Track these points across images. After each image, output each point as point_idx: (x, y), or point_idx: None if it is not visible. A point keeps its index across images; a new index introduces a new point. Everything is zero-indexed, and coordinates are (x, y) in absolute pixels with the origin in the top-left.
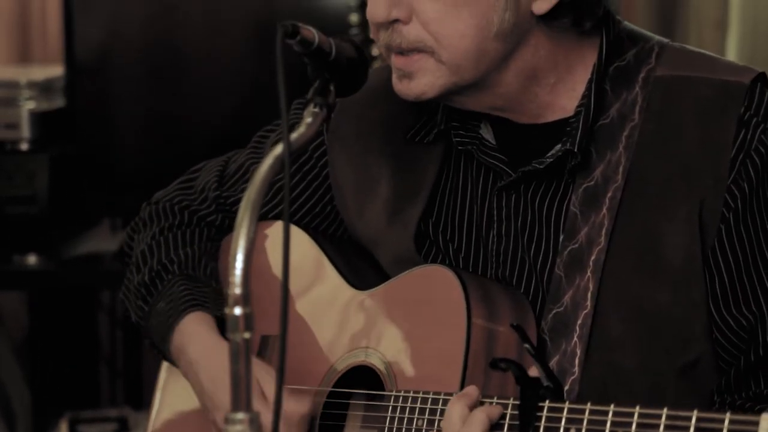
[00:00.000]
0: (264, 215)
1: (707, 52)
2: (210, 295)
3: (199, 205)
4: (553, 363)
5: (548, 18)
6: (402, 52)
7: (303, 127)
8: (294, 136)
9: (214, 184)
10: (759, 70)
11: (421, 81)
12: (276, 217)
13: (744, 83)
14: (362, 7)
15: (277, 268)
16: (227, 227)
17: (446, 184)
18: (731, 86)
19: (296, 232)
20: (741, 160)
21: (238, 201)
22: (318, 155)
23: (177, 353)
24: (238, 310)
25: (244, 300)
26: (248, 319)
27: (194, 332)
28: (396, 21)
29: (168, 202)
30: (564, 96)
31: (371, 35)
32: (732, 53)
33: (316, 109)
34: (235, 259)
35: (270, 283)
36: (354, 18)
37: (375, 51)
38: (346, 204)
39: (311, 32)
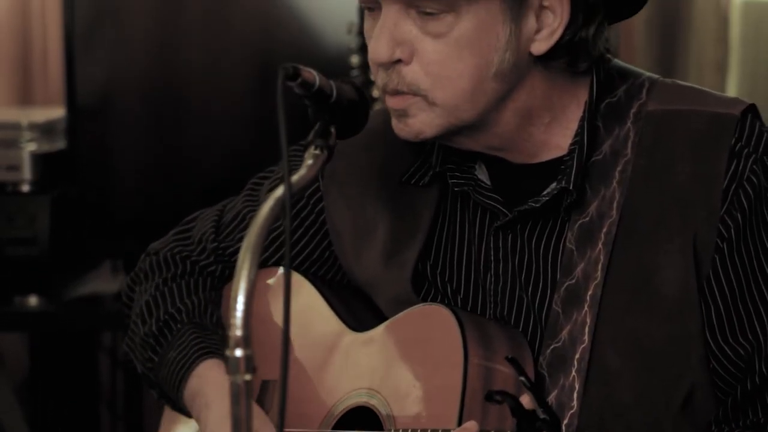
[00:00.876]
0: (263, 263)
1: (697, 86)
2: (220, 343)
3: (198, 256)
4: (551, 398)
5: (545, 59)
6: (397, 92)
7: (304, 169)
8: (294, 178)
9: (212, 234)
10: (748, 101)
11: (417, 119)
12: (276, 264)
13: (734, 115)
14: (363, 49)
15: (278, 315)
16: (227, 277)
17: (443, 226)
18: (722, 118)
19: (295, 278)
20: (734, 191)
21: (236, 251)
22: (314, 201)
23: (191, 398)
24: (238, 352)
25: (245, 342)
26: (249, 361)
27: (211, 376)
28: (398, 61)
29: (168, 252)
30: (558, 134)
31: (372, 74)
32: (732, 95)
33: (317, 151)
34: (235, 301)
35: (271, 329)
36: (355, 60)
37: (375, 93)
38: (344, 248)
39: (312, 74)
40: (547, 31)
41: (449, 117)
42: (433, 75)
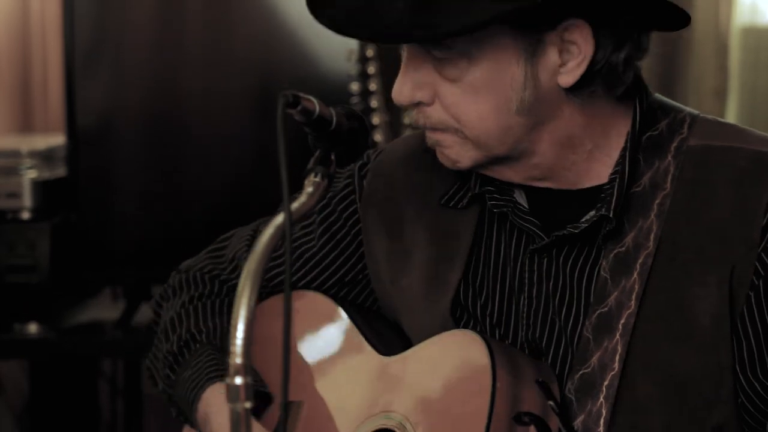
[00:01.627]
0: (294, 284)
1: (737, 124)
2: None
3: (230, 274)
4: (578, 422)
5: (577, 89)
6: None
7: (304, 197)
8: (295, 205)
9: (245, 252)
10: None
11: (452, 150)
12: (303, 286)
13: None
14: (362, 76)
15: (303, 341)
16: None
17: (481, 249)
18: (763, 157)
19: (326, 301)
20: None
21: (269, 269)
22: (351, 223)
23: (202, 422)
24: (238, 380)
25: (245, 369)
26: (249, 389)
27: (217, 403)
28: (420, 103)
29: (198, 270)
30: (600, 162)
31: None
32: (731, 121)
33: (318, 179)
34: (236, 329)
35: (295, 354)
36: (355, 87)
37: (375, 120)
38: (379, 271)
39: (312, 102)
40: (572, 63)
41: (482, 150)
42: (455, 116)
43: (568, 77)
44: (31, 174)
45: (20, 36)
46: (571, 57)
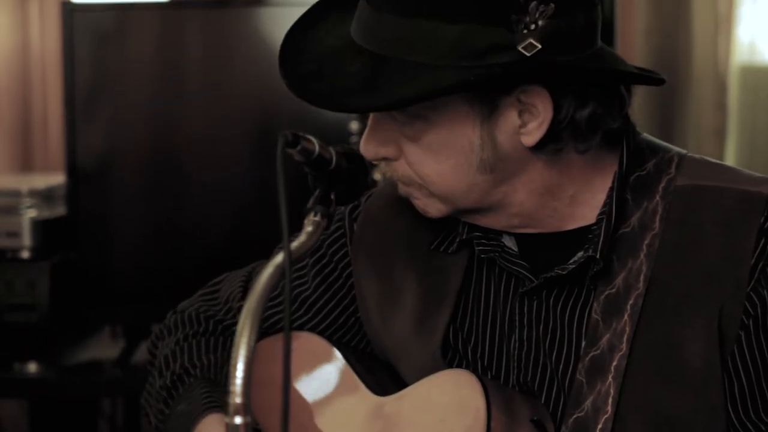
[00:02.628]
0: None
1: (726, 164)
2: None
3: (224, 315)
4: None
5: (543, 146)
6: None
7: (303, 236)
8: (294, 245)
9: (239, 294)
10: None
11: (420, 202)
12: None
13: (764, 194)
14: (362, 115)
15: (299, 382)
16: None
17: (470, 292)
18: (752, 196)
19: (320, 342)
20: (761, 269)
21: (264, 310)
22: (343, 266)
23: None
24: (238, 419)
25: (245, 409)
26: (248, 429)
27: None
28: (386, 158)
29: (194, 311)
30: (584, 205)
31: None
32: (730, 161)
33: (317, 218)
34: (235, 368)
35: (292, 394)
36: (354, 126)
37: None
38: (370, 314)
39: (312, 142)
40: (533, 125)
41: (448, 204)
42: (418, 174)
43: (530, 138)
44: (30, 213)
45: (21, 75)
46: (531, 118)
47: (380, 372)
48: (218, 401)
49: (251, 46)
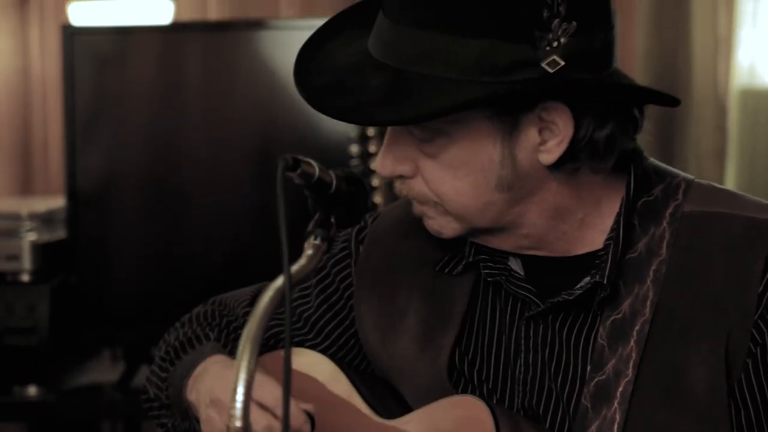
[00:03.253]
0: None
1: (733, 190)
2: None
3: (232, 317)
4: None
5: (560, 165)
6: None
7: (304, 259)
8: (295, 268)
9: (247, 302)
10: None
11: (435, 222)
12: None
13: None
14: (362, 138)
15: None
16: None
17: (475, 314)
18: (759, 223)
19: (323, 361)
20: None
21: (269, 328)
22: (344, 286)
23: (193, 383)
24: None
25: None
26: None
27: (219, 361)
28: (402, 176)
29: (203, 309)
30: (592, 229)
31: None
32: (730, 184)
33: (317, 242)
34: (235, 392)
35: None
36: (354, 149)
37: (375, 182)
38: (368, 335)
39: (312, 165)
40: (552, 143)
41: (463, 223)
42: (434, 191)
43: (549, 156)
44: (31, 236)
45: (21, 98)
46: (551, 136)
47: (384, 394)
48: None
49: (251, 70)
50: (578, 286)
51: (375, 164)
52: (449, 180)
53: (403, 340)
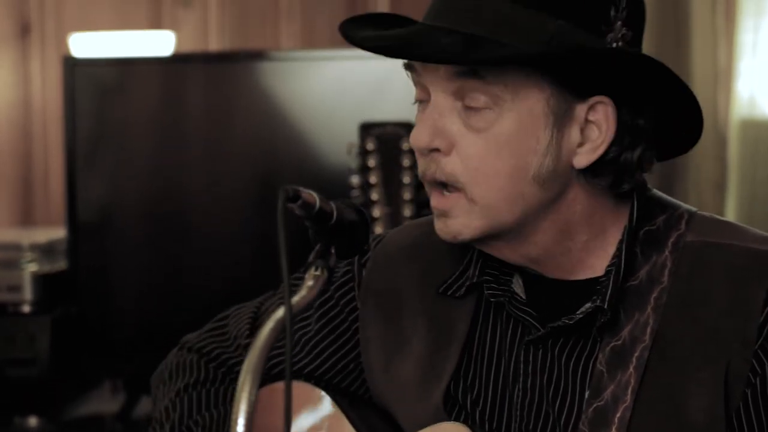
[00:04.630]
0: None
1: (735, 222)
2: None
3: (232, 353)
4: None
5: (588, 174)
6: (435, 184)
7: (304, 290)
8: (295, 299)
9: (247, 332)
10: None
11: (456, 220)
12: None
13: None
14: (363, 169)
15: None
16: None
17: (477, 338)
18: (761, 254)
19: (314, 392)
20: None
21: (269, 358)
22: (349, 310)
23: None
24: None
25: None
26: None
27: None
28: (436, 150)
29: (197, 353)
30: (594, 254)
31: (417, 158)
32: (731, 215)
33: (318, 272)
34: (236, 423)
35: None
36: (355, 180)
37: (376, 213)
38: (372, 360)
39: (312, 196)
40: (590, 145)
41: (488, 218)
42: (470, 169)
43: (583, 158)
44: (31, 267)
45: (22, 129)
46: (590, 138)
47: (375, 420)
48: None
49: (252, 101)
50: (579, 311)
51: (412, 135)
52: (491, 159)
53: (407, 363)
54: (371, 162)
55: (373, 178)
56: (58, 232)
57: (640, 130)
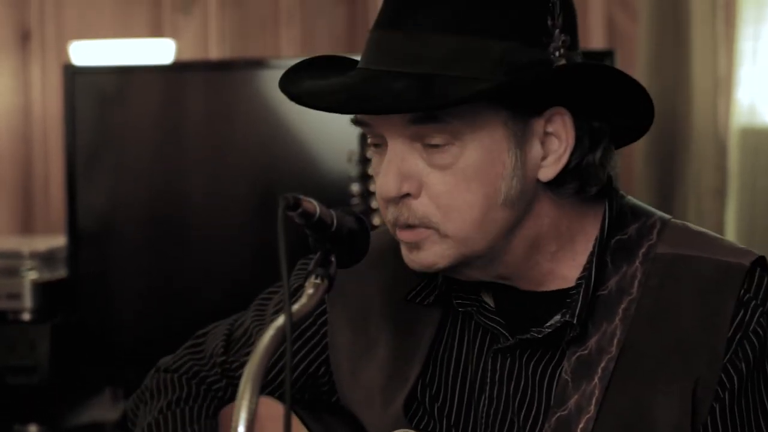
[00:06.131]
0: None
1: (708, 232)
2: None
3: (208, 371)
4: None
5: (554, 185)
6: (408, 226)
7: (305, 298)
8: (296, 307)
9: (221, 349)
10: (759, 253)
11: (430, 251)
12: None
13: (744, 265)
14: (363, 177)
15: None
16: (230, 396)
17: (443, 345)
18: (732, 267)
19: (276, 406)
20: (738, 341)
21: (241, 366)
22: (317, 314)
23: None
24: None
25: None
26: None
27: None
28: (407, 195)
29: (175, 372)
30: (564, 264)
31: (381, 210)
32: (731, 223)
33: (318, 281)
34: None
35: None
36: (355, 188)
37: (376, 221)
38: (340, 364)
39: (312, 204)
40: (553, 157)
41: (461, 248)
42: (442, 207)
43: (549, 170)
44: (31, 275)
45: (22, 137)
46: (551, 150)
47: (335, 426)
48: None
49: (252, 108)
50: (548, 324)
51: (379, 187)
52: (462, 193)
53: (372, 369)
54: (371, 170)
55: (373, 186)
56: (58, 240)
57: (597, 130)
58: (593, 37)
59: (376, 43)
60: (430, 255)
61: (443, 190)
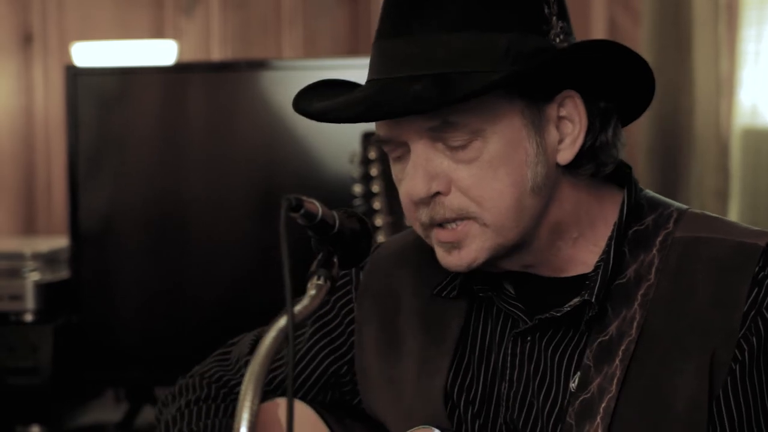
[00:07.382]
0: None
1: (725, 218)
2: None
3: (233, 375)
4: None
5: (572, 167)
6: (444, 224)
7: (307, 299)
8: (298, 308)
9: (247, 349)
10: None
11: (471, 248)
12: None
13: (759, 245)
14: (365, 178)
15: None
16: None
17: (470, 334)
18: (747, 247)
19: (304, 410)
20: (752, 317)
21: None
22: (345, 313)
23: None
24: None
25: None
26: None
27: None
28: (437, 194)
29: (199, 376)
30: (585, 251)
31: (407, 216)
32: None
33: (320, 282)
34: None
35: None
36: (357, 189)
37: (378, 221)
38: (368, 362)
39: (315, 205)
40: (569, 139)
41: (498, 238)
42: (475, 198)
43: (567, 153)
44: (34, 276)
45: (24, 139)
46: (566, 132)
47: (356, 427)
48: None
49: (254, 110)
50: (567, 304)
51: (407, 190)
52: (490, 182)
53: (403, 362)
54: (373, 171)
55: (375, 187)
56: (61, 241)
57: (605, 110)
58: (595, 38)
59: (384, 52)
60: (471, 251)
61: (472, 183)
